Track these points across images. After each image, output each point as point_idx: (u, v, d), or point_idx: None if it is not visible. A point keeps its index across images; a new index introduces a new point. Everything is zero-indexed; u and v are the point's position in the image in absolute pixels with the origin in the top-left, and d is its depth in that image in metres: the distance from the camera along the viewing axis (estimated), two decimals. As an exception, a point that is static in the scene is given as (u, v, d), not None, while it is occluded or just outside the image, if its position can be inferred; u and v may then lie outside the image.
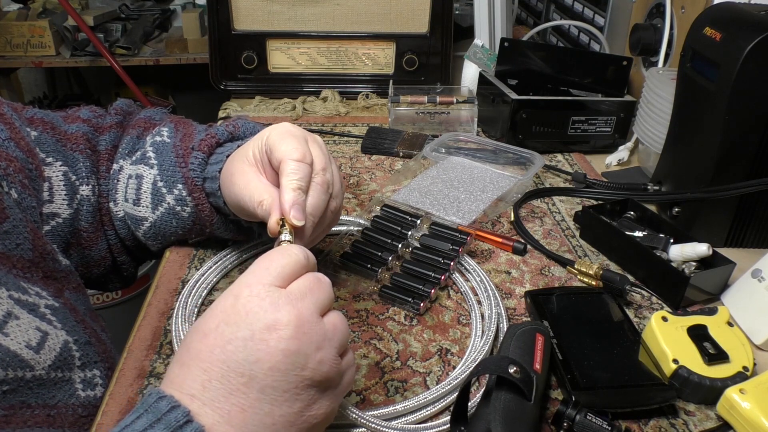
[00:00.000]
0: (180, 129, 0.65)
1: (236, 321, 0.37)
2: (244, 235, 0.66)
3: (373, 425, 0.46)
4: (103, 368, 0.56)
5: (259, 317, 0.37)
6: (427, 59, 1.12)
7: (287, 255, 0.41)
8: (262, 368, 0.36)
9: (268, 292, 0.38)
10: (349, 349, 0.42)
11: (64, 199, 0.61)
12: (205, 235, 0.65)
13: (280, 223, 0.49)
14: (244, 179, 0.53)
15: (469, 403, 0.48)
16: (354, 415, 0.45)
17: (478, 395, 0.48)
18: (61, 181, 0.61)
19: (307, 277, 0.41)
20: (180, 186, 0.61)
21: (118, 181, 0.64)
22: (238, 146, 0.58)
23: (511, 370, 0.43)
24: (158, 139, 0.64)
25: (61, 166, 0.62)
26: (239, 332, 0.37)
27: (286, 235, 0.48)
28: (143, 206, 0.63)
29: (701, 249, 0.61)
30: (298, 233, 0.49)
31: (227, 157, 0.58)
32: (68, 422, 0.51)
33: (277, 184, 0.52)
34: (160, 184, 0.62)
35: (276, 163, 0.51)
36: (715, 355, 0.51)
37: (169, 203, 0.62)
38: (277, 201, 0.50)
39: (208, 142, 0.60)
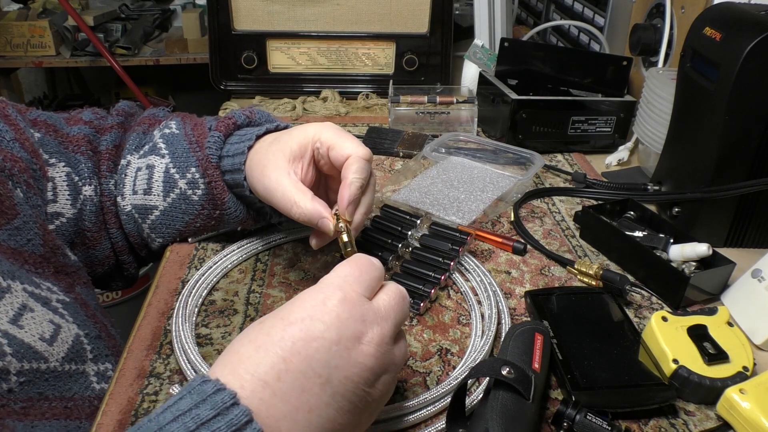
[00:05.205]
0: (188, 121, 0.67)
1: (325, 320, 0.37)
2: (252, 220, 0.65)
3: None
4: (114, 362, 0.57)
5: (348, 325, 0.38)
6: (427, 59, 1.12)
7: (376, 269, 0.42)
8: (338, 375, 0.37)
9: (361, 302, 0.39)
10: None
11: (67, 199, 0.62)
12: (211, 225, 0.65)
13: (336, 217, 0.52)
14: (276, 173, 0.55)
15: (471, 403, 0.48)
16: None
17: (479, 395, 0.48)
18: (64, 181, 0.62)
19: (393, 293, 0.42)
20: (193, 169, 0.62)
21: (125, 175, 0.65)
22: (267, 131, 0.61)
23: (504, 372, 0.44)
24: (167, 131, 0.65)
25: (64, 167, 0.63)
26: (327, 333, 0.37)
27: (345, 236, 0.51)
28: (155, 194, 0.63)
29: (701, 249, 0.61)
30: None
31: (256, 137, 0.60)
32: (84, 414, 0.52)
33: (310, 184, 0.56)
34: (172, 170, 0.63)
35: (339, 159, 0.54)
36: (715, 355, 0.51)
37: (181, 188, 0.62)
38: (322, 205, 0.53)
39: (226, 123, 0.62)
